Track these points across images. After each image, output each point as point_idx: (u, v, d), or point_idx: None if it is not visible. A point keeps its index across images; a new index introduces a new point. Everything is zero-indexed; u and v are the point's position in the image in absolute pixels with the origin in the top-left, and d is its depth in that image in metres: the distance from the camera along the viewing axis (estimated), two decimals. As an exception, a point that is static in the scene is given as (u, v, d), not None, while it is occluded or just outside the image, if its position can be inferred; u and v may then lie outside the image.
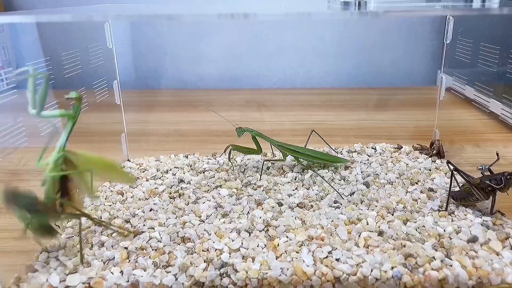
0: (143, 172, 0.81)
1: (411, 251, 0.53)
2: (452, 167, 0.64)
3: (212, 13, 0.48)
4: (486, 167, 0.71)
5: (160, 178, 0.78)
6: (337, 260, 0.53)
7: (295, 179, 0.76)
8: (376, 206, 0.65)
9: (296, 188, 0.72)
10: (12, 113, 0.58)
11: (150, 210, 0.66)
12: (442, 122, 0.91)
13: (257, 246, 0.56)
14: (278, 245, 0.56)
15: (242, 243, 0.57)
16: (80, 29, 0.78)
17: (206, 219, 0.63)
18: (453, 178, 0.64)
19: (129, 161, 0.86)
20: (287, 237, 0.58)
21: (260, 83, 1.55)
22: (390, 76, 1.51)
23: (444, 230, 0.58)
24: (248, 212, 0.65)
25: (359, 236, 0.57)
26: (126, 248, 0.56)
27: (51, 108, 0.66)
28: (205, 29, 1.47)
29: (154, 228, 0.61)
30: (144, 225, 0.62)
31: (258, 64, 1.53)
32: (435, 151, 0.84)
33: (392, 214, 0.63)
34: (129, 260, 0.55)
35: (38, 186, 0.53)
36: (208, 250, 0.56)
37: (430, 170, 0.78)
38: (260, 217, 0.62)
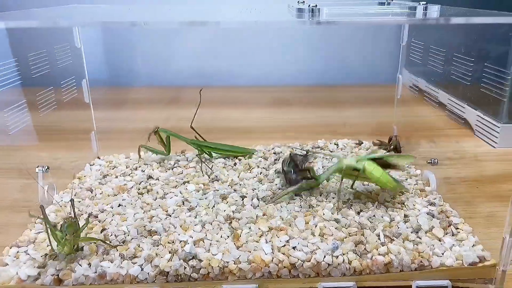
0: (113, 169, 0.83)
1: (361, 238, 0.57)
2: None
3: (173, 20, 0.51)
4: (436, 160, 0.77)
5: (129, 174, 0.80)
6: (294, 248, 0.56)
7: (260, 174, 0.79)
8: (333, 198, 0.69)
9: (260, 182, 0.76)
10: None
11: (119, 206, 0.69)
12: (402, 118, 0.96)
13: (221, 237, 0.60)
14: (240, 236, 0.60)
15: (206, 235, 0.60)
16: (48, 29, 0.79)
17: (173, 213, 0.66)
18: None
19: (99, 158, 0.88)
20: (249, 228, 0.62)
21: (233, 80, 1.58)
22: (359, 74, 1.56)
23: (394, 219, 0.63)
24: (214, 206, 0.68)
25: (316, 226, 0.61)
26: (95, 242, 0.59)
27: (18, 107, 0.67)
28: (178, 26, 1.49)
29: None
30: (112, 220, 0.64)
31: (231, 62, 1.55)
32: (392, 146, 0.89)
33: (348, 206, 0.67)
34: (97, 253, 0.57)
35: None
36: (173, 242, 0.59)
37: (386, 164, 0.83)
38: (224, 211, 0.66)
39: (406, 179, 0.76)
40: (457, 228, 0.61)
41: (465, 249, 0.57)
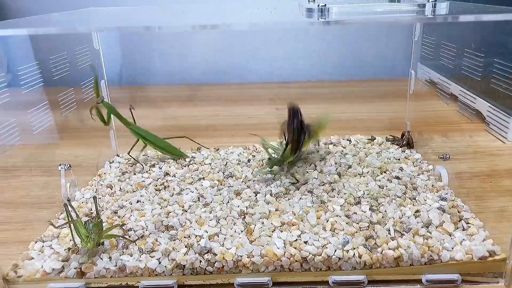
0: (131, 166, 0.86)
1: (372, 233, 0.59)
2: None
3: (185, 24, 0.53)
4: (447, 155, 0.77)
5: (147, 171, 0.83)
6: (305, 242, 0.58)
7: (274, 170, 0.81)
8: (345, 194, 0.70)
9: (273, 178, 0.78)
10: (5, 112, 0.63)
11: (137, 202, 0.72)
12: (415, 113, 0.96)
13: (234, 232, 0.62)
14: (253, 230, 0.62)
15: (220, 230, 0.62)
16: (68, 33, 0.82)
17: (189, 208, 0.68)
18: None
19: (118, 156, 0.91)
20: (262, 223, 0.63)
21: (246, 77, 1.59)
22: (372, 69, 1.56)
23: (404, 214, 0.64)
24: (228, 201, 0.70)
25: (327, 221, 0.63)
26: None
27: (41, 107, 0.71)
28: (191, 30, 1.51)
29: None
30: (131, 215, 0.67)
31: (245, 58, 1.57)
32: (405, 142, 0.89)
33: (359, 202, 0.68)
34: (117, 247, 0.60)
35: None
36: (189, 236, 0.61)
37: (399, 159, 0.83)
38: (238, 206, 0.68)
39: (418, 175, 0.77)
40: (468, 223, 0.62)
41: (475, 243, 0.57)
